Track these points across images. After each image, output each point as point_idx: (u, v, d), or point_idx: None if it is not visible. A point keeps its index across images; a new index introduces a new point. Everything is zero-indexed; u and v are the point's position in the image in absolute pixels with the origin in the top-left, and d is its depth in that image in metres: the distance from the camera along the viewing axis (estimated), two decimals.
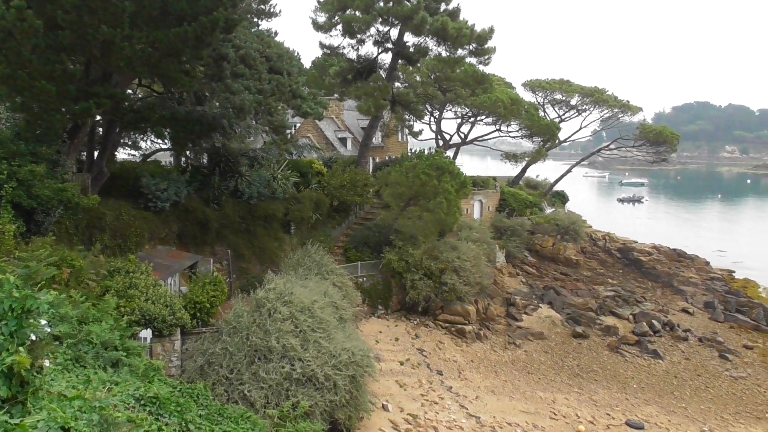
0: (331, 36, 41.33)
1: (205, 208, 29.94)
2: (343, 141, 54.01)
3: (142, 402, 8.50)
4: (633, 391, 30.35)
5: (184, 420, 8.64)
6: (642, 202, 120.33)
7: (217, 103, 29.38)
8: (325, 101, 37.10)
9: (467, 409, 24.89)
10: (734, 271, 56.92)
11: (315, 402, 19.02)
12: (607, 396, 29.10)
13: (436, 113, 57.14)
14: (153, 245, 26.19)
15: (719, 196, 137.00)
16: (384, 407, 23.21)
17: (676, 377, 32.55)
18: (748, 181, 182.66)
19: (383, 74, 42.06)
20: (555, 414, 25.77)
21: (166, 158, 41.39)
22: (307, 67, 42.62)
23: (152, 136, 34.37)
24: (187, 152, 34.17)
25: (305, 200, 36.02)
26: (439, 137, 58.35)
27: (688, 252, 59.83)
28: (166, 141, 34.48)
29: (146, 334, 18.32)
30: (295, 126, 50.39)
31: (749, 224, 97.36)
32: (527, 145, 63.25)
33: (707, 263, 57.62)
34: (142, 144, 35.95)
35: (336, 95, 45.07)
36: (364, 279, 35.66)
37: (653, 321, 38.89)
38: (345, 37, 40.56)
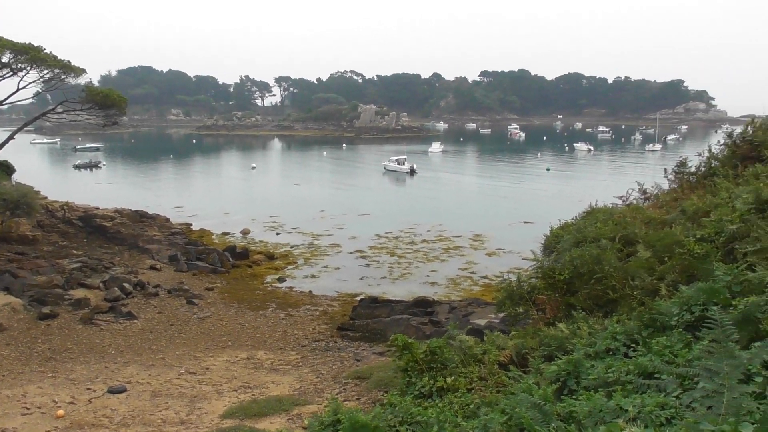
0: None
1: None
2: None
3: None
4: (112, 357, 30.15)
5: None
6: (100, 167, 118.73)
7: None
8: None
9: None
10: (192, 224, 62.95)
11: None
12: (86, 370, 28.02)
13: None
14: None
15: (171, 156, 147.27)
16: None
17: (152, 332, 33.98)
18: (194, 141, 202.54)
19: None
20: (28, 408, 23.21)
21: None
22: None
23: None
24: None
25: None
26: None
27: (149, 212, 62.53)
28: None
29: None
30: None
31: (199, 179, 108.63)
32: None
33: (167, 220, 61.60)
34: None
35: None
36: None
37: (124, 284, 39.23)
38: None
